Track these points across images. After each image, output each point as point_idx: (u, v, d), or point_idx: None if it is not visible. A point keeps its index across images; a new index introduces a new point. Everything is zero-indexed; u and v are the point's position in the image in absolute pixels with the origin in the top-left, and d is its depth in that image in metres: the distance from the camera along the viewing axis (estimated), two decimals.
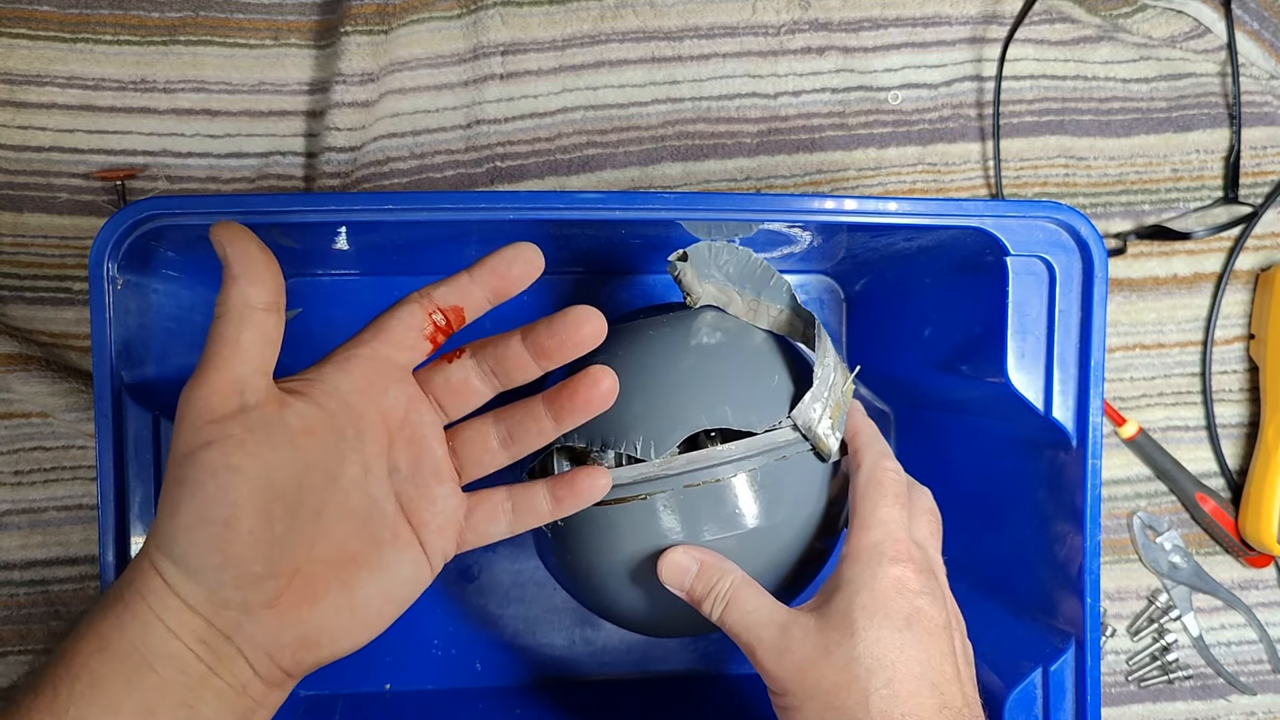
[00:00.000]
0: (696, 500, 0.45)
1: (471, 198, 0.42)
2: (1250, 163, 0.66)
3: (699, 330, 0.48)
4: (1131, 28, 0.65)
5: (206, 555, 0.34)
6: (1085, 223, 0.45)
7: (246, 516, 0.34)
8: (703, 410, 0.45)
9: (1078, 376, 0.46)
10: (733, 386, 0.46)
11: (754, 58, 0.64)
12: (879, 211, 0.44)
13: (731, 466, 0.45)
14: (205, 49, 0.61)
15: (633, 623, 0.50)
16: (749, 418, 0.45)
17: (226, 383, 0.35)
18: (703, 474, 0.45)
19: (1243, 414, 0.67)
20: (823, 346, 0.47)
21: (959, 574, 0.56)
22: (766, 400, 0.46)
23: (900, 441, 0.63)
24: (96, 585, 0.60)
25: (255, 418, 0.35)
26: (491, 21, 0.62)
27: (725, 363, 0.46)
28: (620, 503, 0.45)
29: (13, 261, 0.59)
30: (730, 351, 0.47)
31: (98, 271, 0.41)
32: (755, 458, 0.45)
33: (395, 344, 0.40)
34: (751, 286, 0.50)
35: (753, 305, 0.50)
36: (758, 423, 0.45)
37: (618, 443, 0.45)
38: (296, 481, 0.36)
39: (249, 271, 0.37)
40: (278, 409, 0.36)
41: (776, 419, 0.46)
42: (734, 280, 0.50)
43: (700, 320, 0.48)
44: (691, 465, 0.45)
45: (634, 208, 0.43)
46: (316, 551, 0.37)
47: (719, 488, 0.45)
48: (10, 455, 0.60)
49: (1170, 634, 0.65)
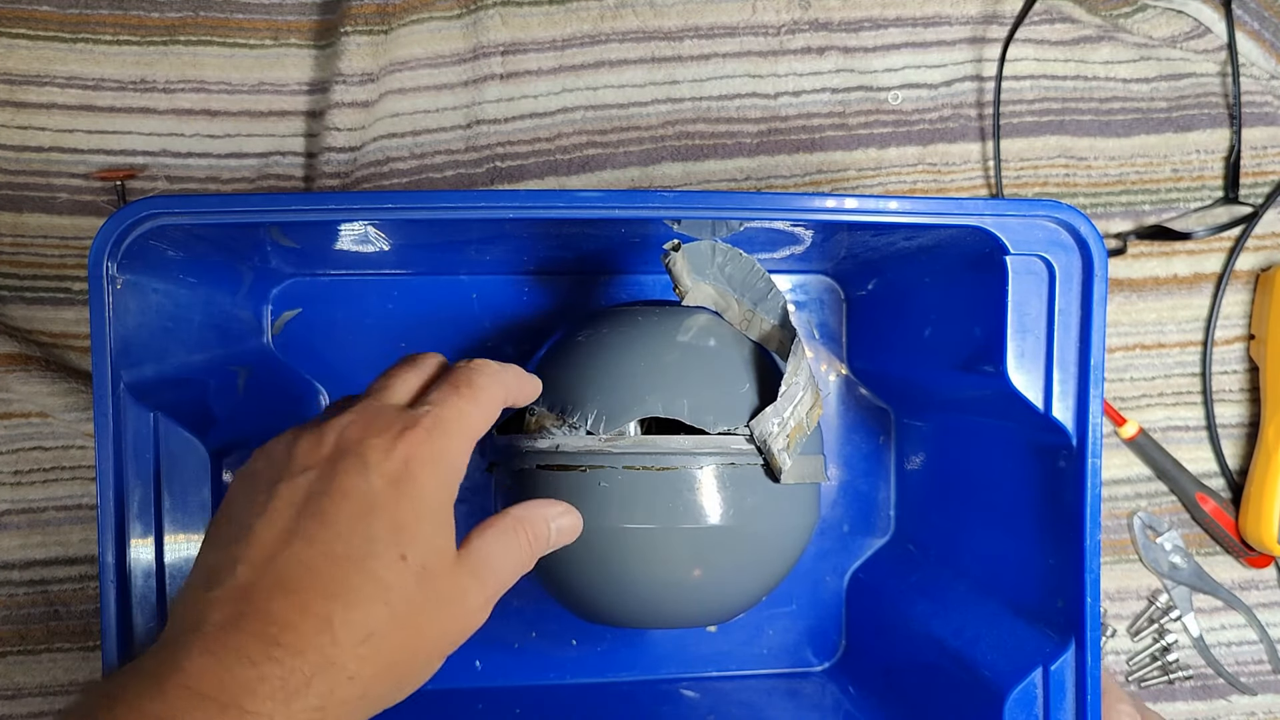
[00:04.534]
0: (633, 484, 0.45)
1: (471, 197, 0.42)
2: (1250, 163, 0.66)
3: (688, 329, 0.48)
4: (1132, 28, 0.65)
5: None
6: (1085, 222, 0.45)
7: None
8: (660, 399, 0.46)
9: (1078, 376, 0.46)
10: (699, 385, 0.46)
11: (754, 58, 0.64)
12: (879, 210, 0.44)
13: (677, 459, 0.45)
14: (205, 49, 0.61)
15: (570, 601, 0.50)
16: (705, 417, 0.46)
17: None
18: (645, 459, 0.45)
19: (1243, 414, 0.67)
20: (797, 364, 0.47)
21: (959, 574, 0.56)
22: (729, 405, 0.46)
23: (900, 441, 0.63)
24: (95, 585, 0.60)
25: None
26: (491, 21, 0.62)
27: (699, 361, 0.47)
28: (561, 469, 0.46)
29: (12, 261, 0.59)
30: (708, 353, 0.48)
31: (97, 271, 0.40)
32: (701, 456, 0.45)
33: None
34: (750, 296, 0.50)
35: (748, 315, 0.50)
36: (713, 424, 0.46)
37: (571, 411, 0.46)
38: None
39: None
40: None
41: (734, 426, 0.46)
42: (734, 286, 0.50)
43: (691, 320, 0.49)
44: (636, 448, 0.45)
45: (634, 206, 0.43)
46: None
47: (659, 476, 0.45)
48: (10, 455, 0.60)
49: (1170, 634, 0.65)
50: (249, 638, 0.31)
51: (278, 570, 0.32)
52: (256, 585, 0.32)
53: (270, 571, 0.32)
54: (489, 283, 0.60)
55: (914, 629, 0.56)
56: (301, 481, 0.34)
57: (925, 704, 0.54)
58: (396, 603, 0.33)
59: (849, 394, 0.63)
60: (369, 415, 0.36)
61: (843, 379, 0.63)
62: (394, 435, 0.35)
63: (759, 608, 0.61)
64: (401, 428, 0.35)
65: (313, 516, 0.33)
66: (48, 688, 0.60)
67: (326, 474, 0.34)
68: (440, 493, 0.35)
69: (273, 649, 0.30)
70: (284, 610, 0.31)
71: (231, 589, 0.32)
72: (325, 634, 0.31)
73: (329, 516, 0.33)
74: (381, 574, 0.33)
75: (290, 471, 0.34)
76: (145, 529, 0.44)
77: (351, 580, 0.32)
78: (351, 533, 0.33)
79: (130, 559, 0.43)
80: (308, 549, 0.32)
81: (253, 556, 0.32)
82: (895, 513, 0.63)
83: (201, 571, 0.34)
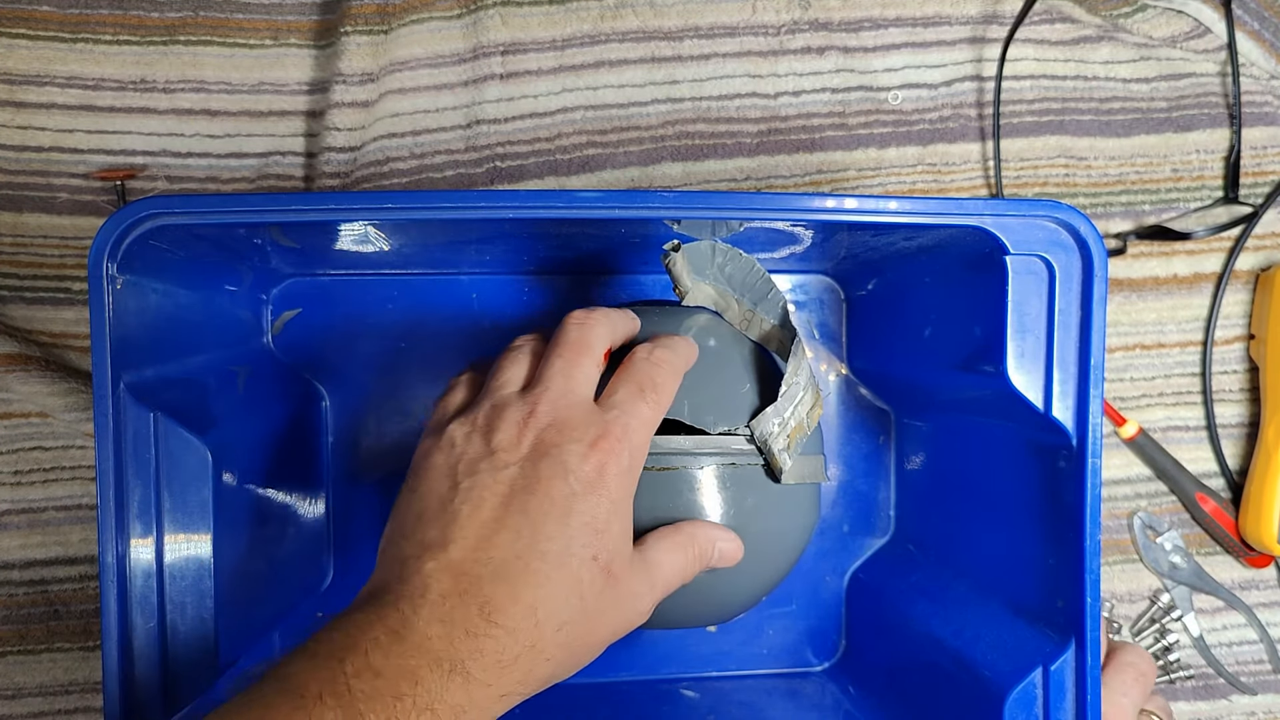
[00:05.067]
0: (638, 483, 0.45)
1: (471, 197, 0.42)
2: (1250, 163, 0.66)
3: (688, 329, 0.48)
4: (1132, 28, 0.65)
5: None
6: (1085, 222, 0.45)
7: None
8: None
9: (1078, 376, 0.46)
10: (699, 385, 0.46)
11: (754, 58, 0.64)
12: (879, 210, 0.44)
13: (677, 459, 0.45)
14: (205, 49, 0.61)
15: None
16: (706, 417, 0.46)
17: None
18: (649, 459, 0.45)
19: (1243, 414, 0.67)
20: (797, 365, 0.47)
21: (959, 574, 0.56)
22: (730, 406, 0.46)
23: (900, 441, 0.63)
24: (95, 585, 0.60)
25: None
26: (491, 21, 0.62)
27: (700, 361, 0.47)
28: None
29: (12, 261, 0.59)
30: (709, 353, 0.48)
31: (97, 271, 0.40)
32: (701, 456, 0.46)
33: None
34: (750, 296, 0.50)
35: (748, 315, 0.50)
36: (713, 424, 0.46)
37: None
38: None
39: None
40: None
41: (734, 426, 0.46)
42: (734, 286, 0.50)
43: (692, 320, 0.49)
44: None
45: (634, 206, 0.43)
46: None
47: (660, 476, 0.45)
48: (9, 455, 0.60)
49: (1171, 634, 0.65)
50: (472, 613, 0.35)
51: (491, 557, 0.36)
52: (471, 568, 0.36)
53: (483, 557, 0.36)
54: (489, 283, 0.60)
55: (914, 629, 0.56)
56: (504, 476, 0.38)
57: (925, 704, 0.54)
58: (587, 597, 0.37)
59: (849, 394, 0.63)
60: (563, 413, 0.39)
61: (843, 379, 0.63)
62: (589, 442, 0.38)
63: (759, 608, 0.62)
64: (597, 435, 0.38)
65: (519, 513, 0.37)
66: (48, 688, 0.60)
67: (530, 473, 0.38)
68: (627, 496, 0.39)
69: (491, 627, 0.35)
70: (498, 595, 0.35)
71: (447, 563, 0.36)
72: (531, 620, 0.35)
73: (534, 515, 0.37)
74: (578, 571, 0.37)
75: (494, 464, 0.38)
76: (145, 529, 0.44)
77: (554, 576, 0.36)
78: (556, 533, 0.37)
79: (130, 559, 0.43)
80: (516, 542, 0.36)
81: (463, 539, 0.36)
82: (895, 513, 0.63)
83: (410, 540, 0.37)
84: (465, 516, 0.37)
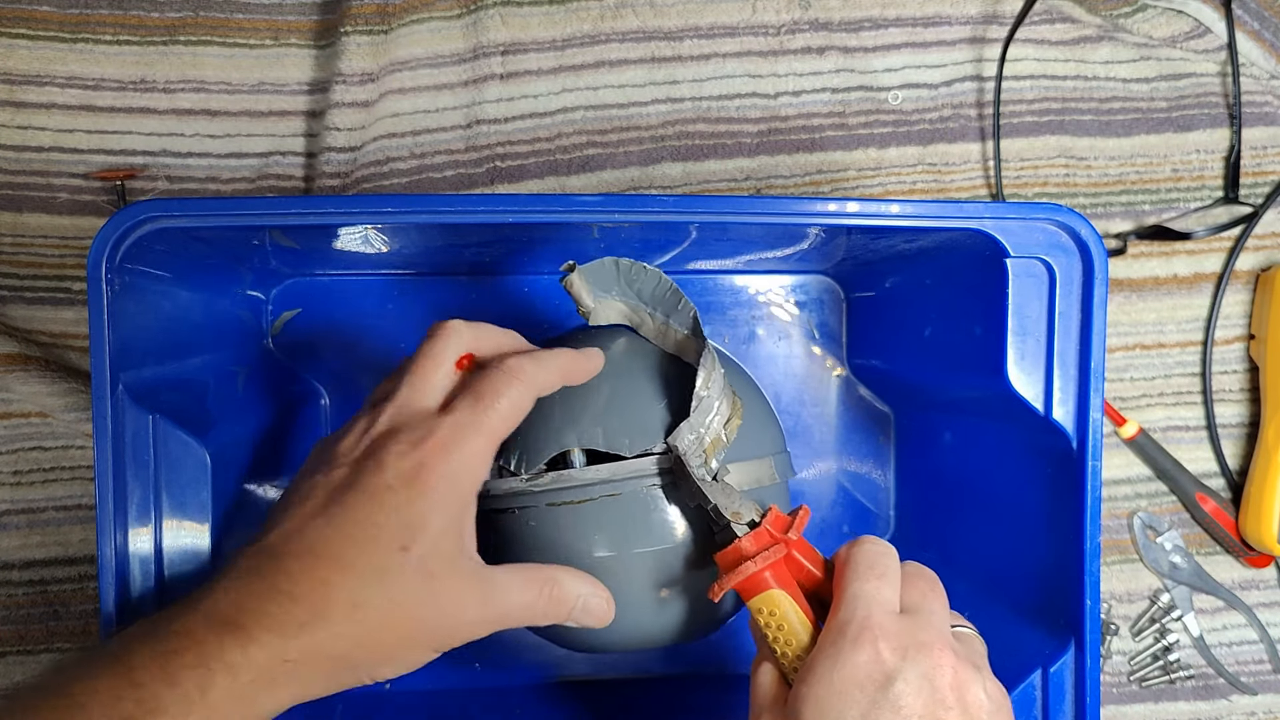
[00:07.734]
0: (555, 520, 0.45)
1: (471, 201, 0.42)
2: (1250, 163, 0.66)
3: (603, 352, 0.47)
4: (1132, 28, 0.65)
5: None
6: (1085, 224, 0.45)
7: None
8: (575, 430, 0.45)
9: (1078, 377, 0.46)
10: (615, 408, 0.45)
11: (754, 58, 0.63)
12: (880, 214, 0.44)
13: (595, 489, 0.45)
14: (205, 49, 0.61)
15: (549, 636, 0.50)
16: (622, 441, 0.45)
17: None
18: (565, 494, 0.45)
19: (1243, 414, 0.67)
20: (707, 376, 0.45)
21: (959, 574, 0.56)
22: (644, 426, 0.45)
23: (900, 442, 0.63)
24: (95, 585, 0.60)
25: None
26: (491, 21, 0.62)
27: (611, 385, 0.46)
28: (498, 513, 0.46)
29: (12, 261, 0.59)
30: (623, 373, 0.47)
31: (96, 272, 0.40)
32: (616, 483, 0.45)
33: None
34: (662, 309, 0.49)
35: (661, 328, 0.49)
36: (630, 447, 0.45)
37: (502, 454, 0.46)
38: None
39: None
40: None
41: (652, 445, 0.45)
42: (645, 300, 0.49)
43: (606, 341, 0.48)
44: (554, 484, 0.45)
45: (634, 210, 0.43)
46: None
47: (580, 510, 0.45)
48: (9, 455, 0.60)
49: (1172, 634, 0.65)
50: (264, 582, 0.37)
51: (301, 540, 0.38)
52: (281, 548, 0.38)
53: (294, 540, 0.38)
54: (489, 283, 0.60)
55: None
56: (336, 475, 0.40)
57: None
58: (392, 586, 0.38)
59: (849, 394, 0.63)
60: (400, 419, 0.41)
61: (843, 379, 0.63)
62: (413, 443, 0.39)
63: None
64: (421, 436, 0.39)
65: (337, 503, 0.39)
66: None
67: (355, 470, 0.39)
68: (450, 497, 0.39)
69: (278, 594, 0.37)
70: (296, 569, 0.37)
71: (260, 547, 0.39)
72: (321, 590, 0.37)
73: (349, 505, 0.39)
74: (383, 559, 0.38)
75: (332, 465, 0.40)
76: (144, 529, 0.44)
77: (357, 559, 0.38)
78: (364, 520, 0.38)
79: (130, 559, 0.43)
80: (326, 527, 0.38)
81: (280, 528, 0.39)
82: (895, 513, 0.63)
83: (250, 539, 0.40)
84: (291, 511, 0.39)
